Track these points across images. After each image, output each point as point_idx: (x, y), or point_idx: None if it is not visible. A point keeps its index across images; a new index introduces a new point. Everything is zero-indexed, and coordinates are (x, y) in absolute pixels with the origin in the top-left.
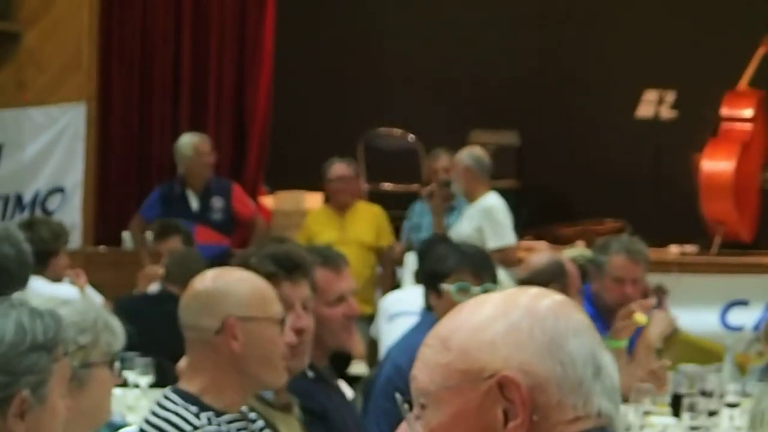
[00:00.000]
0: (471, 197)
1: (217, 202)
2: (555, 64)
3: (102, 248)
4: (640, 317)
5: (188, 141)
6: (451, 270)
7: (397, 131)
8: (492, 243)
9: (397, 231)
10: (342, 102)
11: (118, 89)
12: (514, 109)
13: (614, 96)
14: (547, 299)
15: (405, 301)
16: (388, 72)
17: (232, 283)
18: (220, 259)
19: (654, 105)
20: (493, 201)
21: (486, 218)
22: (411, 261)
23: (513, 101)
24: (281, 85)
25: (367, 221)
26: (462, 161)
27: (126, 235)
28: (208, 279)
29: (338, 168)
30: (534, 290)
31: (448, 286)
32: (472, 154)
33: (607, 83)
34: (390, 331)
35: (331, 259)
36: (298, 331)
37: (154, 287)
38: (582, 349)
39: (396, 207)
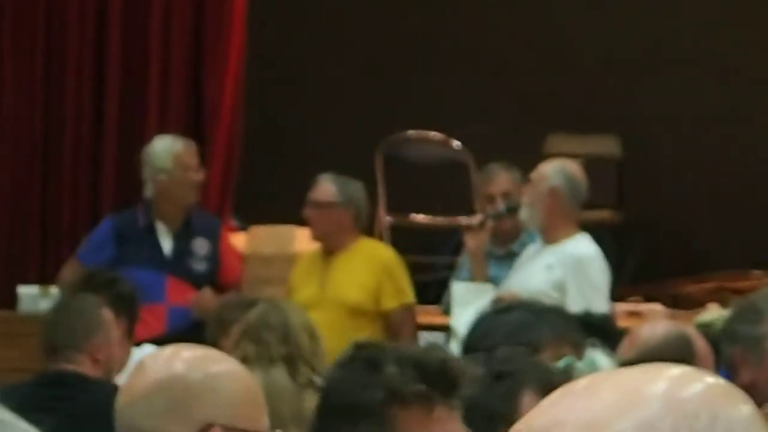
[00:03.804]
0: (551, 236)
1: (200, 246)
2: (674, 36)
3: None
4: None
5: (167, 147)
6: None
7: (436, 135)
8: (575, 309)
9: (437, 288)
10: (351, 94)
11: (12, 76)
12: (612, 104)
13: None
14: (697, 384)
15: None
16: (421, 48)
17: (219, 377)
18: (197, 331)
19: None
20: (587, 248)
21: (575, 272)
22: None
23: (610, 93)
24: (258, 73)
25: (357, 270)
26: (547, 179)
27: (24, 293)
28: (181, 363)
29: (316, 189)
30: (677, 371)
31: None
32: (564, 169)
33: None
34: None
35: None
36: None
37: None
38: None
39: (431, 250)
